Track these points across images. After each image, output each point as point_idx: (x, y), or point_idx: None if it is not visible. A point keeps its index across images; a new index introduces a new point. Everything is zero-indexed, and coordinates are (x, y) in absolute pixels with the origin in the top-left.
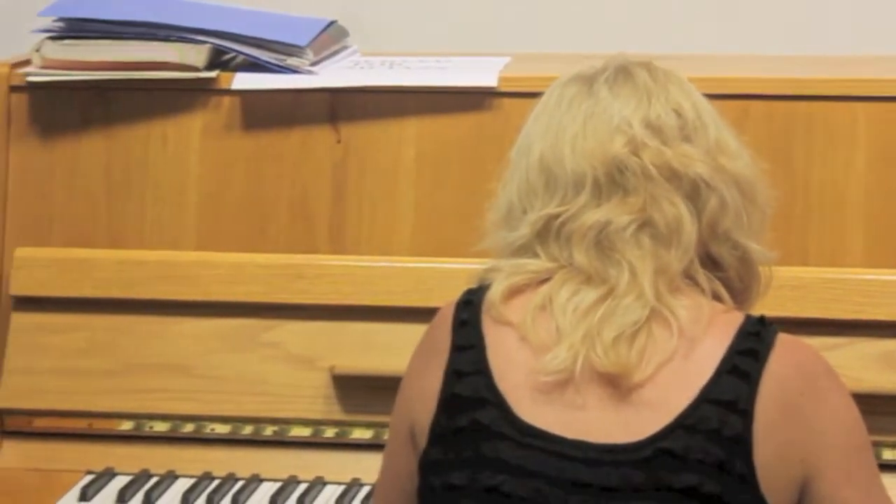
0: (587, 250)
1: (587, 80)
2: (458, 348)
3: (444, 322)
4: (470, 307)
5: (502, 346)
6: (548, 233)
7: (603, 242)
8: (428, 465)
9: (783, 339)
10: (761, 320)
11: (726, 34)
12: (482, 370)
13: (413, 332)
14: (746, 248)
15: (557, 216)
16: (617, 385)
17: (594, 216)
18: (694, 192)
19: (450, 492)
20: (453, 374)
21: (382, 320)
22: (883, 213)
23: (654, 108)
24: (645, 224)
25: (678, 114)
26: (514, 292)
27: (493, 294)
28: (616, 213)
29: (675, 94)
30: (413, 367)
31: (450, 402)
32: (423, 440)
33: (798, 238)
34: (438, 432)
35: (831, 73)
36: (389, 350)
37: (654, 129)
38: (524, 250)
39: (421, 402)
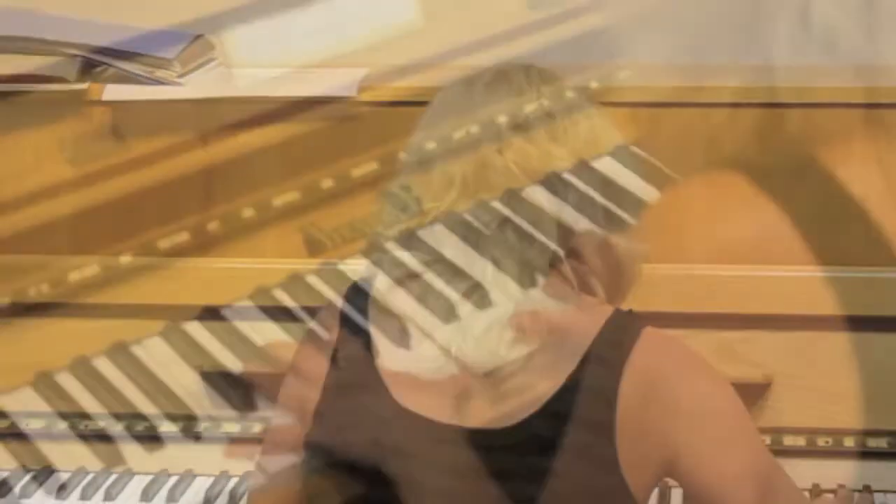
0: (454, 246)
1: (468, 83)
2: (345, 336)
3: (334, 310)
4: (360, 296)
5: (386, 335)
6: (419, 229)
7: (469, 238)
8: (310, 446)
9: (648, 332)
10: (630, 313)
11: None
12: (366, 357)
13: None
14: (607, 242)
15: (429, 212)
16: (488, 375)
17: (460, 213)
18: (554, 188)
19: (332, 470)
20: (340, 360)
21: None
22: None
23: (522, 108)
24: (507, 220)
25: (547, 113)
26: (397, 284)
27: (380, 284)
28: (481, 210)
29: (548, 93)
30: (301, 351)
31: (334, 387)
32: (308, 423)
33: None
34: (322, 414)
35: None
36: None
37: (521, 128)
38: (403, 243)
39: (307, 386)
